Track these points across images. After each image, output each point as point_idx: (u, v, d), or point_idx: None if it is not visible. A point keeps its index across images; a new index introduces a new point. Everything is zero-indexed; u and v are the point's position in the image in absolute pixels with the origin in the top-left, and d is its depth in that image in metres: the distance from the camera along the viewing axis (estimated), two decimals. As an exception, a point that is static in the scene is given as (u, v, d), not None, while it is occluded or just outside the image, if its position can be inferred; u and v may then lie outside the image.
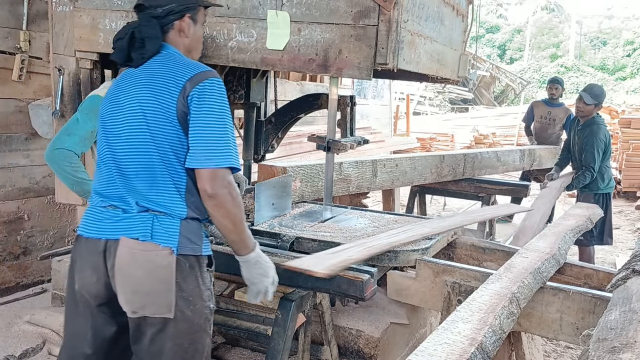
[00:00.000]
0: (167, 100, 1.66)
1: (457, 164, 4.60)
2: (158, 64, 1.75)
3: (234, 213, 1.69)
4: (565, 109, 6.47)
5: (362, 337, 2.62)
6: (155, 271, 1.63)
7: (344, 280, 2.14)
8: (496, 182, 5.11)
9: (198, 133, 1.65)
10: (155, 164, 1.68)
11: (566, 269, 2.60)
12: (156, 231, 1.65)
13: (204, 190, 1.65)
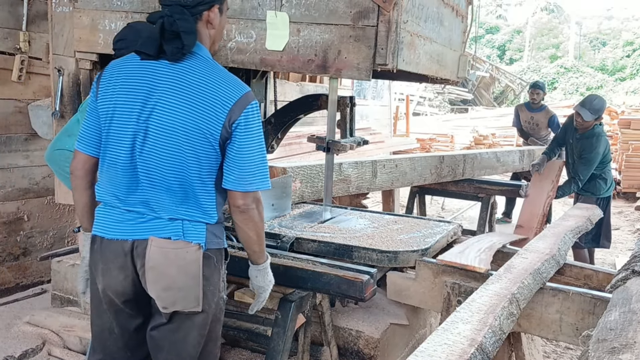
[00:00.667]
0: (214, 123, 1.65)
1: (456, 165, 4.62)
2: (199, 74, 1.68)
3: (260, 227, 1.79)
4: (546, 113, 6.55)
5: (361, 337, 2.62)
6: (186, 267, 1.68)
7: (343, 280, 2.14)
8: (496, 183, 5.14)
9: (242, 158, 1.68)
10: (192, 181, 1.69)
11: (566, 270, 2.60)
12: (187, 230, 1.70)
13: (237, 206, 1.72)
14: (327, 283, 2.18)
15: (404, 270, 2.74)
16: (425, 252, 2.52)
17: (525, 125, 6.72)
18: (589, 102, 4.51)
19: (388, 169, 3.81)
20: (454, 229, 2.95)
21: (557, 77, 29.61)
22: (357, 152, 5.59)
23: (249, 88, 1.72)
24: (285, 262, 2.28)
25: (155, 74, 1.68)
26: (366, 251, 2.45)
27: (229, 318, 2.40)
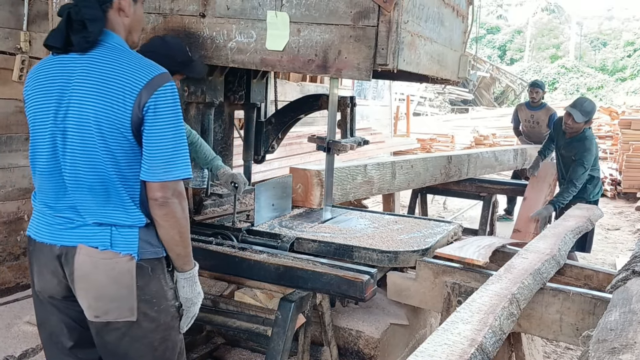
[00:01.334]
0: (122, 111, 1.55)
1: (462, 164, 4.70)
2: (108, 61, 1.58)
3: (183, 224, 1.65)
4: (547, 110, 6.61)
5: (362, 337, 2.62)
6: (117, 277, 1.61)
7: (344, 280, 2.14)
8: (497, 182, 5.17)
9: (154, 145, 1.57)
10: (112, 179, 1.59)
11: (566, 270, 2.59)
12: (115, 240, 1.61)
13: (155, 199, 1.59)
14: (328, 283, 2.18)
15: (404, 270, 2.74)
16: (426, 252, 2.52)
17: (525, 124, 6.74)
18: (580, 104, 4.47)
19: (405, 170, 3.90)
20: (454, 229, 2.95)
21: (557, 77, 29.61)
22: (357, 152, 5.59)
23: (165, 70, 1.62)
24: (285, 262, 2.28)
25: (67, 69, 1.60)
26: (366, 251, 2.45)
27: (229, 318, 2.40)
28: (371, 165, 3.55)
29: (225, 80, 3.12)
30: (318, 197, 3.14)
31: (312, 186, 3.12)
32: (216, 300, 2.43)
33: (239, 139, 3.56)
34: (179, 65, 2.35)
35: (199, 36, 2.56)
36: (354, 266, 2.28)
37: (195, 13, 2.55)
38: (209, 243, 2.48)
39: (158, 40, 2.39)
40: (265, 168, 5.12)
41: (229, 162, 3.38)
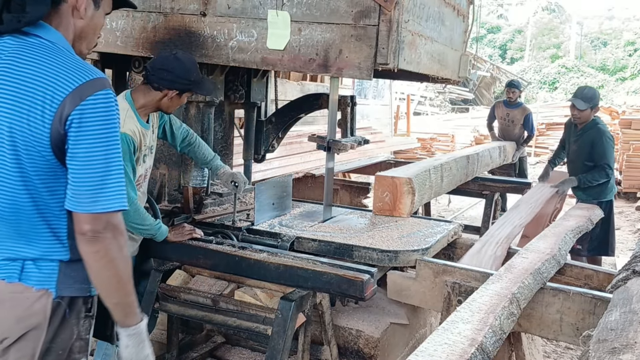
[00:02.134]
0: (40, 124, 1.23)
1: (474, 164, 4.83)
2: (33, 61, 1.26)
3: (120, 266, 1.32)
4: (523, 110, 6.78)
5: (362, 337, 2.62)
6: (26, 319, 1.32)
7: (344, 280, 2.14)
8: (499, 180, 5.23)
9: (79, 168, 1.26)
10: (25, 208, 1.30)
11: (566, 270, 2.59)
12: (28, 272, 1.33)
13: (82, 233, 1.28)
14: (328, 282, 2.18)
15: (404, 269, 2.74)
16: (426, 251, 2.52)
17: (501, 121, 6.92)
18: (580, 92, 4.41)
19: (447, 172, 3.96)
20: (454, 229, 2.94)
21: (558, 77, 29.60)
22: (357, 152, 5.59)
23: (100, 74, 1.31)
24: (285, 261, 2.28)
25: None
26: (367, 250, 2.45)
27: (229, 317, 2.40)
28: (433, 169, 3.57)
29: (226, 79, 3.12)
30: (408, 206, 3.07)
31: (401, 195, 3.05)
32: (216, 299, 2.43)
33: (239, 138, 3.56)
34: (192, 84, 2.33)
35: (200, 35, 2.56)
36: (354, 265, 2.28)
37: (196, 12, 2.55)
38: (209, 242, 2.48)
39: (169, 56, 2.33)
40: (266, 167, 5.12)
41: (229, 161, 3.38)
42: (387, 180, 3.07)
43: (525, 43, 36.10)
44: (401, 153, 9.68)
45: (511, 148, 6.58)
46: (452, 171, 4.07)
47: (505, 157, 6.31)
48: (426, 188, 3.38)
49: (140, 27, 2.69)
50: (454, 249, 2.97)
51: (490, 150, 5.66)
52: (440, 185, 3.78)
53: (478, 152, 5.04)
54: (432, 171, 3.54)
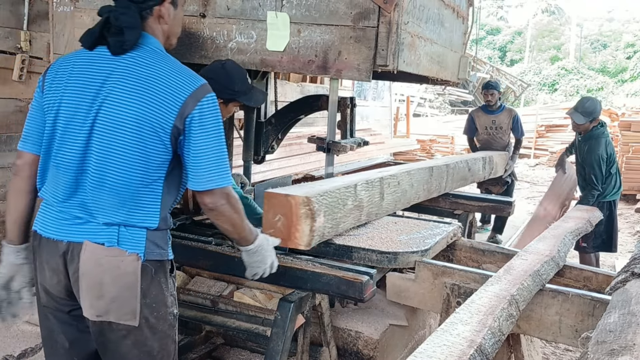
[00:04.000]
0: (166, 115, 1.56)
1: (441, 177, 3.85)
2: (151, 65, 1.59)
3: (234, 218, 1.72)
4: (509, 112, 5.93)
5: (361, 338, 2.62)
6: (121, 277, 1.58)
7: (343, 281, 2.14)
8: (474, 198, 4.26)
9: (200, 155, 1.60)
10: (138, 182, 1.59)
11: (565, 272, 2.60)
12: (123, 237, 1.59)
13: (205, 204, 1.66)
14: (327, 283, 2.18)
15: (403, 271, 2.74)
16: (425, 253, 2.52)
17: (486, 131, 5.95)
18: (581, 105, 4.46)
19: (393, 188, 3.04)
20: (453, 230, 2.95)
21: (557, 78, 29.62)
22: (357, 153, 5.59)
23: (205, 80, 1.65)
24: (284, 262, 2.27)
25: (106, 66, 1.60)
26: (366, 252, 2.45)
27: (228, 318, 2.40)
28: (361, 184, 2.67)
29: (226, 80, 3.12)
30: (307, 235, 2.21)
31: (298, 219, 2.20)
32: (215, 300, 2.43)
33: (238, 139, 3.56)
34: (237, 94, 2.37)
35: (199, 36, 2.56)
36: (353, 267, 2.28)
37: (195, 13, 2.55)
38: (208, 243, 2.48)
39: (218, 65, 2.39)
40: (265, 168, 5.13)
41: (229, 162, 3.38)
42: (279, 199, 2.24)
43: (525, 45, 36.14)
44: (401, 154, 9.68)
45: (500, 159, 5.59)
46: (400, 187, 3.11)
47: (492, 170, 5.30)
48: (347, 209, 2.51)
49: (140, 28, 2.69)
50: (453, 251, 2.97)
51: (470, 162, 4.59)
52: (379, 205, 2.85)
53: (448, 164, 4.01)
54: (362, 187, 2.65)
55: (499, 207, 4.17)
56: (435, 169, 3.73)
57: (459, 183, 4.33)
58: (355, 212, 2.63)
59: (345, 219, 2.53)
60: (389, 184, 2.98)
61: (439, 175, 3.80)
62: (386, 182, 2.95)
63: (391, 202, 3.04)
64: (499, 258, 2.81)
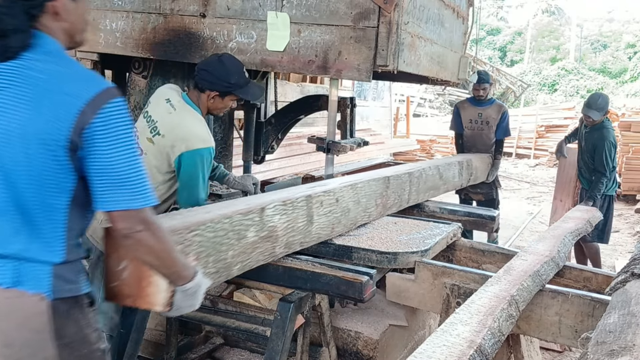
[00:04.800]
0: (57, 130, 1.30)
1: (402, 188, 3.19)
2: (43, 69, 1.34)
3: (158, 249, 1.42)
4: (499, 107, 5.20)
5: (361, 338, 2.62)
6: (27, 321, 1.36)
7: (343, 281, 2.14)
8: (452, 211, 3.61)
9: (107, 172, 1.33)
10: (31, 204, 1.34)
11: (565, 272, 2.59)
12: (22, 274, 1.36)
13: (118, 230, 1.38)
14: (327, 284, 2.17)
15: (403, 271, 2.74)
16: (425, 253, 2.52)
17: (471, 125, 5.22)
18: (594, 103, 4.66)
19: (327, 208, 2.45)
20: (453, 231, 2.95)
21: (557, 79, 29.62)
22: (357, 153, 5.60)
23: (109, 83, 1.39)
24: (284, 262, 2.27)
25: None
26: (366, 252, 2.45)
27: (228, 318, 2.40)
28: (273, 206, 2.13)
29: (226, 80, 3.12)
30: (165, 291, 1.57)
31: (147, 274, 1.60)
32: (215, 300, 2.43)
33: (238, 139, 3.56)
34: (232, 87, 2.36)
35: (200, 36, 2.56)
36: (353, 267, 2.27)
37: (195, 13, 2.55)
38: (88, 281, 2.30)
39: (215, 58, 2.38)
40: (265, 168, 5.13)
41: (229, 162, 3.38)
42: None
43: (525, 45, 36.14)
44: (401, 155, 9.69)
45: (482, 162, 4.84)
46: (339, 205, 2.53)
47: (472, 176, 4.60)
48: (245, 244, 1.99)
49: (140, 28, 2.69)
50: (453, 251, 2.97)
51: (442, 168, 3.89)
52: (305, 231, 2.33)
53: (412, 172, 3.33)
54: (275, 210, 2.13)
55: (480, 222, 3.59)
56: (393, 179, 3.06)
57: (428, 193, 3.66)
58: (265, 244, 2.09)
59: (244, 257, 1.99)
60: (321, 203, 2.41)
61: (398, 187, 3.13)
62: (316, 200, 2.38)
63: (325, 225, 2.47)
64: (499, 258, 2.81)
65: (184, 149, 2.31)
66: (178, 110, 2.38)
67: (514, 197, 9.90)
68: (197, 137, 2.32)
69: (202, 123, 2.39)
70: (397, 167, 3.73)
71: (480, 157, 4.86)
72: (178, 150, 2.33)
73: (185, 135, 2.32)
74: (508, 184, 11.53)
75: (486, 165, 4.92)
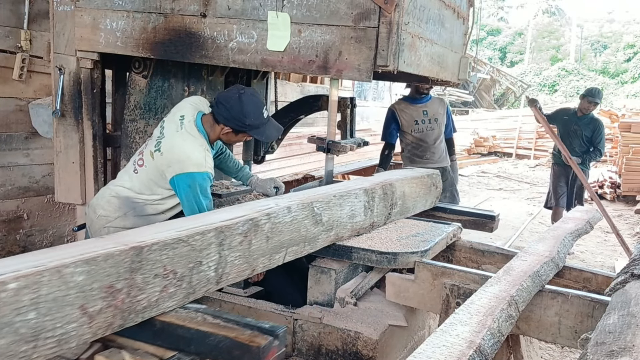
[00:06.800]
0: None
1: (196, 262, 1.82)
2: None
3: None
4: (440, 101, 4.61)
5: (360, 339, 2.62)
6: None
7: (236, 344, 1.55)
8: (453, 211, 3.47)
9: None
10: None
11: (565, 273, 2.59)
12: None
13: None
14: (215, 347, 1.56)
15: (402, 271, 2.74)
16: (425, 253, 2.52)
17: (417, 127, 4.41)
18: (598, 94, 5.90)
19: None
20: (453, 231, 2.95)
21: (558, 79, 29.63)
22: (357, 154, 5.60)
23: None
24: (164, 317, 1.65)
25: None
26: (365, 252, 2.45)
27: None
28: None
29: (226, 80, 3.12)
30: None
31: None
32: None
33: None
34: (247, 128, 2.42)
35: (200, 36, 2.56)
36: (258, 323, 1.62)
37: (196, 13, 2.55)
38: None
39: (235, 94, 2.41)
40: (265, 168, 5.13)
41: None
42: None
43: (525, 46, 36.13)
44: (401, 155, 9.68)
45: (415, 186, 3.05)
46: None
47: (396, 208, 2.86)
48: None
49: (140, 27, 2.69)
50: (452, 252, 2.97)
51: (319, 205, 2.26)
52: None
53: (230, 225, 1.83)
54: None
55: (480, 222, 3.52)
56: (150, 252, 1.58)
57: (282, 254, 2.10)
58: None
59: None
60: None
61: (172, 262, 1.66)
62: None
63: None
64: (499, 259, 2.81)
65: (178, 170, 2.36)
66: (183, 131, 2.43)
67: (513, 198, 9.90)
68: (192, 161, 2.35)
69: (201, 149, 2.42)
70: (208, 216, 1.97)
71: (414, 177, 3.07)
72: (173, 171, 2.38)
73: (181, 157, 2.36)
74: (508, 184, 11.52)
75: (424, 188, 3.18)
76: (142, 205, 2.51)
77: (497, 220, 3.59)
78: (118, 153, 3.22)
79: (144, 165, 2.50)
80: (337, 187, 2.56)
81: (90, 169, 3.07)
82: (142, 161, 2.52)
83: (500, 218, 3.67)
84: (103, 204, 2.57)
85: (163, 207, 2.53)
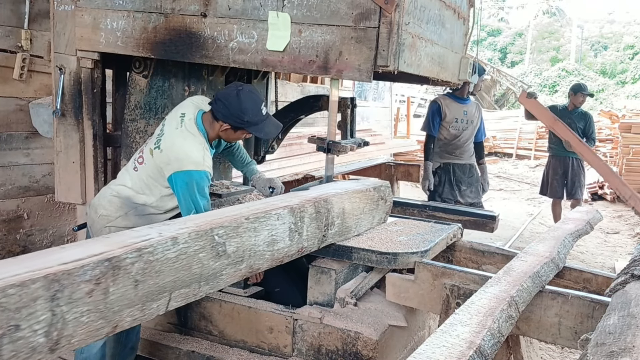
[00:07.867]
0: None
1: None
2: None
3: None
4: (477, 105, 4.80)
5: (360, 339, 2.62)
6: None
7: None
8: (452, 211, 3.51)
9: None
10: None
11: (565, 273, 2.59)
12: None
13: None
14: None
15: (402, 272, 2.74)
16: (425, 254, 2.52)
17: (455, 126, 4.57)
18: (586, 88, 6.45)
19: None
20: (453, 231, 2.95)
21: (558, 80, 29.62)
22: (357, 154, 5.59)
23: None
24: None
25: None
26: (365, 252, 2.45)
27: None
28: None
29: (226, 80, 3.12)
30: None
31: None
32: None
33: (239, 139, 3.56)
34: (245, 124, 2.42)
35: (200, 36, 2.56)
36: None
37: (196, 13, 2.55)
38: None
39: (234, 91, 2.42)
40: (265, 168, 5.12)
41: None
42: None
43: (525, 46, 36.13)
44: (401, 155, 9.68)
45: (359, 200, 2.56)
46: None
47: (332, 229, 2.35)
48: None
49: (140, 27, 2.69)
50: (453, 252, 2.97)
51: (221, 234, 1.73)
52: None
53: (70, 270, 1.30)
54: None
55: (481, 222, 3.56)
56: None
57: (163, 303, 1.60)
58: None
59: None
60: None
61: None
62: None
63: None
64: (499, 259, 2.81)
65: (176, 168, 2.36)
66: (183, 129, 2.44)
67: (514, 198, 9.90)
68: (190, 159, 2.35)
69: (200, 147, 2.42)
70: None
71: (356, 191, 2.57)
72: (171, 169, 2.38)
73: (179, 155, 2.36)
74: (508, 184, 11.51)
75: (370, 203, 2.67)
76: (143, 206, 2.51)
77: (498, 220, 3.61)
78: (118, 153, 3.22)
79: (143, 162, 2.50)
80: (254, 206, 2.06)
81: (91, 169, 3.07)
82: (142, 159, 2.53)
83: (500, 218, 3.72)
84: (104, 203, 2.57)
85: (164, 207, 2.53)
